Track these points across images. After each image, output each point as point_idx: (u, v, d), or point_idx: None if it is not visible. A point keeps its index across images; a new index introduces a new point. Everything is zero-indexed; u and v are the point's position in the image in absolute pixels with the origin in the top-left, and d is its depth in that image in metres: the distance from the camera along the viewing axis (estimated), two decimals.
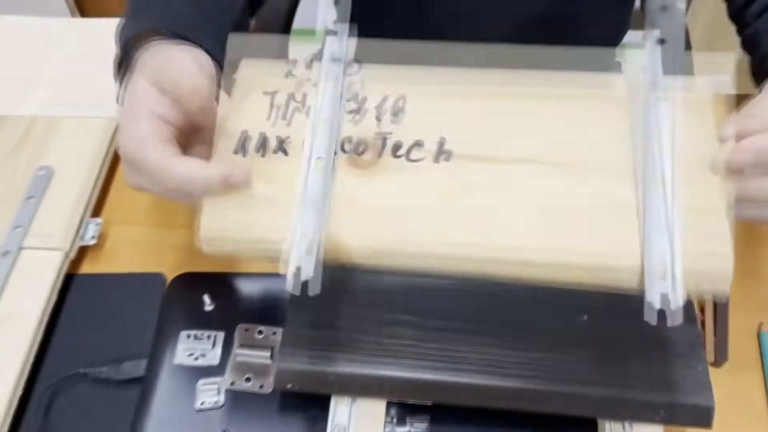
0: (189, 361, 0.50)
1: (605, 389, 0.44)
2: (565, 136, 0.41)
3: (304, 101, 0.42)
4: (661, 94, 0.40)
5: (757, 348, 0.53)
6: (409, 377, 0.45)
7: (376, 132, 0.41)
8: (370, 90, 0.43)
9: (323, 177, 0.40)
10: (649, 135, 0.39)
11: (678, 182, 0.38)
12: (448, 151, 0.41)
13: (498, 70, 0.44)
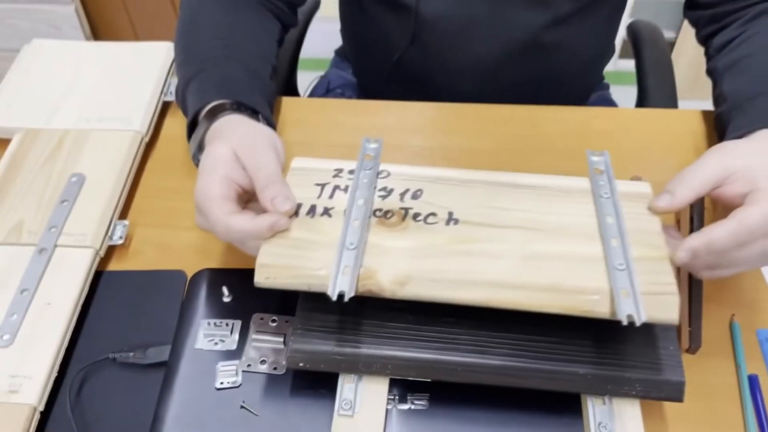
0: (209, 346, 0.55)
1: (587, 367, 0.49)
2: (545, 213, 0.53)
3: (346, 190, 0.54)
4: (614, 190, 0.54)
5: (729, 337, 0.58)
6: (408, 356, 0.49)
7: (400, 206, 0.53)
8: (395, 185, 0.55)
9: (360, 230, 0.50)
10: (604, 214, 0.52)
11: (628, 242, 0.49)
12: (456, 218, 0.52)
13: (496, 171, 0.57)
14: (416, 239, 0.50)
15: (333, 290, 0.47)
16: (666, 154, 0.72)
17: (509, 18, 0.77)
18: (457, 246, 0.50)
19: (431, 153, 0.72)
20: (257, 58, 0.69)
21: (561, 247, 0.50)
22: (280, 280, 0.48)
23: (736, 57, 0.68)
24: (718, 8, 0.73)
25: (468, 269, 0.48)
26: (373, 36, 0.88)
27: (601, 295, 0.47)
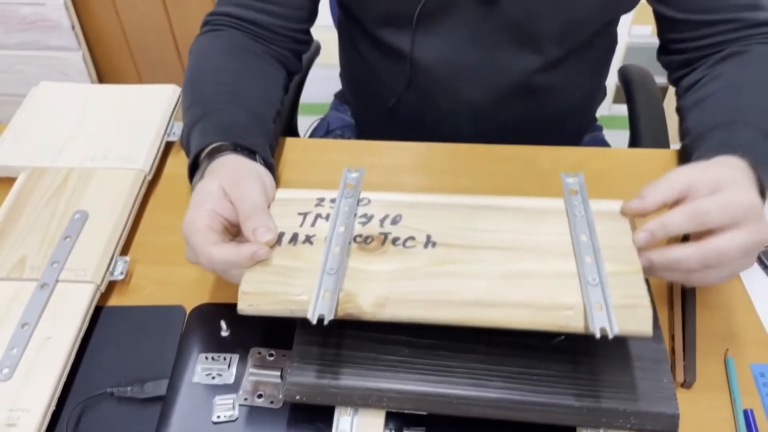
0: (206, 380, 0.55)
1: (582, 400, 0.49)
2: (522, 233, 0.54)
3: (328, 218, 0.56)
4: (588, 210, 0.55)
5: (723, 372, 0.58)
6: (405, 389, 0.50)
7: (380, 231, 0.54)
8: (375, 212, 0.56)
9: (340, 256, 0.51)
10: (578, 232, 0.53)
11: (601, 258, 0.50)
12: (434, 241, 0.53)
13: (473, 195, 0.58)
14: (395, 262, 0.51)
15: (313, 314, 0.47)
16: None
17: (501, 63, 0.80)
18: (435, 267, 0.51)
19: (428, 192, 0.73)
20: (260, 102, 0.71)
21: (537, 266, 0.51)
22: (263, 306, 0.49)
23: (700, 95, 0.71)
24: (689, 54, 0.77)
25: (445, 289, 0.49)
26: (370, 80, 0.90)
27: (575, 310, 0.47)
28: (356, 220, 0.55)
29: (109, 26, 1.84)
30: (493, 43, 0.78)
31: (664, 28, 0.79)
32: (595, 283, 0.48)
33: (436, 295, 0.49)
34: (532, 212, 0.56)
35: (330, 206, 0.57)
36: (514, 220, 0.55)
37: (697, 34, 0.75)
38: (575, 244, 0.52)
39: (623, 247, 0.52)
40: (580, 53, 0.82)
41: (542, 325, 0.48)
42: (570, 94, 0.87)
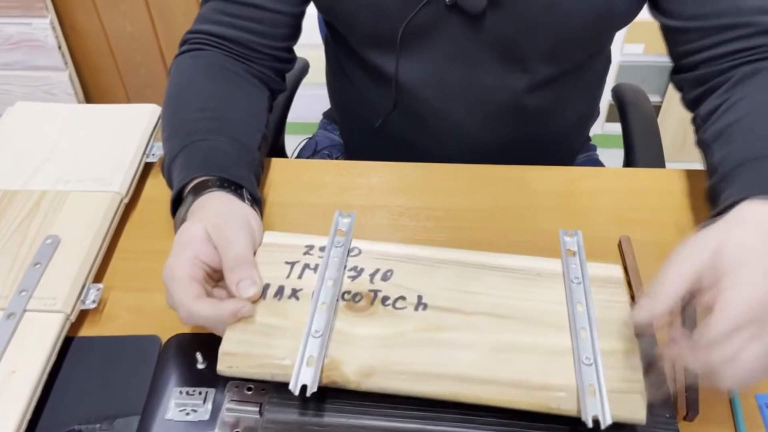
0: (180, 416, 0.52)
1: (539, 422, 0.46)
2: (516, 299, 0.52)
3: (316, 269, 0.53)
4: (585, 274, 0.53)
5: (728, 404, 0.55)
6: (389, 426, 0.47)
7: (369, 288, 0.52)
8: (366, 265, 0.54)
9: (327, 316, 0.49)
10: (575, 301, 0.51)
11: (597, 333, 0.49)
12: (425, 303, 0.51)
13: (468, 251, 0.56)
14: (384, 326, 0.49)
15: (295, 383, 0.45)
16: (653, 213, 0.71)
17: (489, 83, 0.78)
18: (425, 334, 0.49)
19: (416, 213, 0.71)
20: (245, 128, 0.68)
21: (530, 338, 0.49)
22: (243, 369, 0.47)
23: (722, 126, 0.66)
24: (702, 69, 0.71)
25: (434, 361, 0.47)
26: (357, 101, 0.88)
27: (568, 392, 0.46)
28: (345, 273, 0.53)
29: (96, 46, 1.83)
30: (479, 63, 0.76)
31: (672, 42, 0.74)
32: (590, 362, 0.47)
33: (424, 366, 0.47)
34: (527, 274, 0.54)
35: (319, 255, 0.54)
36: (509, 283, 0.53)
37: (708, 42, 0.70)
38: (571, 315, 0.50)
39: (619, 322, 0.50)
40: (572, 73, 0.80)
41: (532, 406, 0.46)
42: (562, 114, 0.85)
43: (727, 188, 0.59)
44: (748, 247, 0.48)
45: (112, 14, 1.76)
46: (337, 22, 0.81)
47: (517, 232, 0.69)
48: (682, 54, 0.73)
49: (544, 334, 0.49)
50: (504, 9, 0.71)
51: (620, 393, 0.45)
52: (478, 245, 0.67)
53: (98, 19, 1.78)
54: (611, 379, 0.46)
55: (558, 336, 0.49)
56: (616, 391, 0.45)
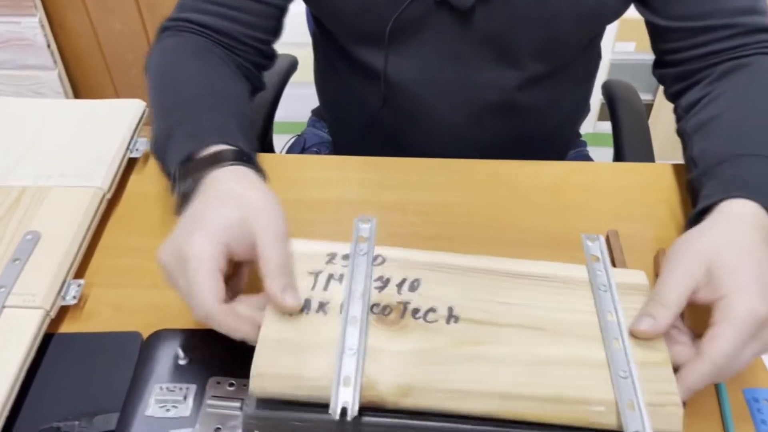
0: (161, 412, 0.51)
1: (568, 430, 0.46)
2: (547, 309, 0.51)
3: (341, 280, 0.51)
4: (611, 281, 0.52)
5: (715, 398, 0.55)
6: (379, 421, 0.46)
7: (398, 300, 0.50)
8: (392, 274, 0.52)
9: (358, 332, 0.47)
10: (605, 310, 0.51)
11: (629, 344, 0.48)
12: (456, 316, 0.50)
13: (492, 258, 0.55)
14: (416, 340, 0.48)
15: (335, 405, 0.44)
16: (641, 207, 0.71)
17: (479, 80, 0.77)
18: (459, 349, 0.48)
19: (404, 207, 0.71)
20: (242, 109, 0.67)
21: (564, 350, 0.48)
22: (278, 391, 0.46)
23: (703, 118, 0.67)
24: (684, 66, 0.73)
25: (471, 378, 0.46)
26: (346, 98, 0.88)
27: (606, 406, 0.45)
28: (372, 284, 0.51)
29: (85, 45, 1.81)
30: (469, 60, 0.76)
31: (657, 38, 0.75)
32: (626, 375, 0.46)
33: (461, 384, 0.46)
34: (556, 283, 0.53)
35: (343, 264, 0.52)
36: (539, 293, 0.52)
37: (691, 42, 0.71)
38: (602, 325, 0.49)
39: None
40: (562, 70, 0.79)
41: (572, 421, 0.45)
42: (553, 111, 0.85)
43: (709, 184, 0.60)
44: (736, 263, 0.50)
45: (101, 13, 1.75)
46: (324, 18, 0.80)
47: (506, 228, 0.69)
48: (667, 51, 0.75)
49: (577, 345, 0.48)
50: (493, 5, 0.71)
51: (658, 406, 0.45)
52: (466, 240, 0.67)
53: (88, 18, 1.76)
54: (648, 391, 0.45)
55: (591, 347, 0.48)
56: (653, 405, 0.45)
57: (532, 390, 0.46)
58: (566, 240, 0.66)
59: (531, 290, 0.52)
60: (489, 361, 0.47)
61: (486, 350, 0.48)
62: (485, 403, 0.45)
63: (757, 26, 0.70)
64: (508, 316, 0.50)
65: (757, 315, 0.48)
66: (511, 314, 0.50)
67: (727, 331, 0.47)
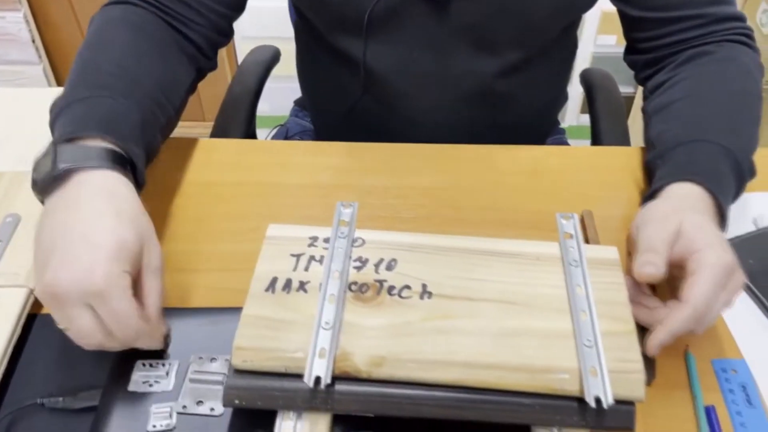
0: (143, 388, 0.52)
1: (534, 397, 0.47)
2: (518, 284, 0.53)
3: (322, 261, 0.53)
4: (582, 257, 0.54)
5: (684, 368, 0.56)
6: (350, 389, 0.47)
7: (375, 279, 0.52)
8: (370, 255, 0.54)
9: (335, 307, 0.50)
10: (574, 284, 0.52)
11: (596, 316, 0.50)
12: (429, 292, 0.52)
13: (467, 237, 0.56)
14: (391, 316, 0.50)
15: (309, 375, 0.46)
16: (616, 189, 0.73)
17: (457, 69, 0.78)
18: (432, 323, 0.49)
19: (383, 191, 0.72)
20: (157, 102, 0.63)
21: (532, 323, 0.50)
22: (258, 363, 0.47)
23: (664, 101, 0.71)
24: (654, 53, 0.76)
25: (442, 349, 0.48)
26: (327, 86, 0.89)
27: (570, 374, 0.47)
28: (351, 264, 0.53)
29: (70, 39, 1.81)
30: (448, 48, 0.77)
31: (629, 27, 0.79)
32: (590, 344, 0.48)
33: (432, 355, 0.48)
34: (528, 259, 0.54)
35: (324, 247, 0.54)
36: (511, 270, 0.53)
37: (661, 32, 0.75)
38: (571, 298, 0.51)
39: (617, 303, 0.51)
40: (540, 58, 0.81)
41: (537, 388, 0.47)
42: (530, 99, 0.86)
43: (663, 167, 0.65)
44: (699, 223, 0.56)
45: (86, 7, 1.75)
46: (304, 6, 0.81)
47: (484, 209, 0.70)
48: (638, 39, 0.78)
49: (547, 318, 0.50)
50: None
51: (620, 373, 0.46)
52: (445, 222, 0.69)
53: (72, 13, 1.76)
54: (611, 359, 0.47)
55: (559, 320, 0.50)
56: (616, 372, 0.46)
57: (499, 359, 0.47)
58: (542, 221, 0.67)
59: (504, 267, 0.54)
60: (459, 333, 0.49)
61: (457, 323, 0.50)
62: (454, 372, 0.47)
63: (725, 15, 0.74)
64: (481, 292, 0.52)
65: (727, 263, 0.53)
66: (484, 290, 0.52)
67: (704, 277, 0.52)
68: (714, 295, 0.52)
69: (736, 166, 0.62)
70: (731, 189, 0.62)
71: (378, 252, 0.55)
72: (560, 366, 0.47)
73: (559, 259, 0.54)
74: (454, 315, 0.50)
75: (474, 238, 0.56)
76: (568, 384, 0.46)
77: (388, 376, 0.47)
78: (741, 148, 0.64)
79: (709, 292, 0.52)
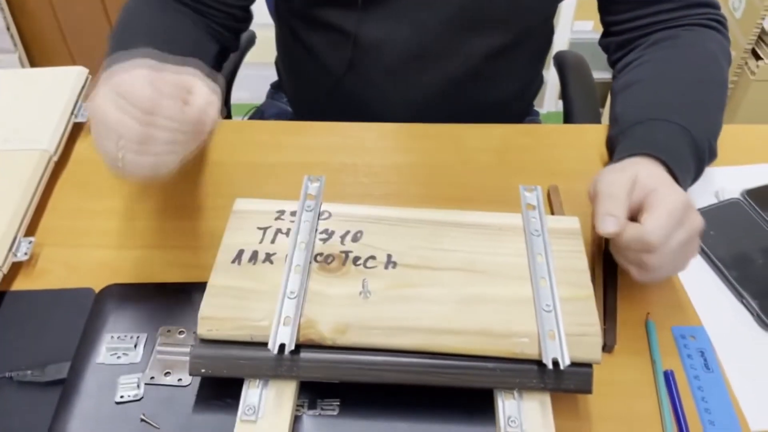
0: (112, 359, 0.53)
1: (495, 361, 0.48)
2: (481, 253, 0.54)
3: (288, 234, 0.54)
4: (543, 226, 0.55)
5: (645, 336, 0.58)
6: (315, 356, 0.48)
7: (341, 250, 0.53)
8: (336, 227, 0.55)
9: (301, 277, 0.50)
10: (535, 252, 0.53)
11: (555, 282, 0.51)
12: (394, 261, 0.52)
13: (433, 210, 0.57)
14: (356, 285, 0.51)
15: (274, 342, 0.47)
16: (582, 164, 0.73)
17: (445, 48, 0.79)
18: (395, 291, 0.50)
19: (354, 169, 0.72)
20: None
21: (494, 290, 0.51)
22: (223, 331, 0.48)
23: (630, 79, 0.73)
24: (626, 35, 0.78)
25: (405, 315, 0.49)
26: (309, 64, 0.89)
27: (530, 337, 0.48)
28: (317, 236, 0.54)
29: (46, 27, 1.80)
30: (438, 27, 0.78)
31: (604, 11, 0.81)
32: (549, 309, 0.49)
33: (395, 321, 0.49)
34: (492, 230, 0.55)
35: (290, 220, 0.55)
36: (475, 240, 0.54)
37: (634, 14, 0.76)
38: (531, 266, 0.52)
39: (577, 270, 0.52)
40: (523, 41, 0.83)
41: (497, 353, 0.48)
42: (512, 81, 0.88)
43: (623, 142, 0.66)
44: (655, 172, 0.58)
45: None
46: None
47: (452, 186, 0.71)
48: (612, 23, 0.80)
49: (508, 285, 0.51)
50: None
51: (578, 336, 0.48)
52: (414, 198, 0.69)
53: (48, 1, 1.75)
54: (570, 324, 0.48)
55: (520, 286, 0.51)
56: (574, 335, 0.48)
57: (461, 325, 0.48)
58: (510, 196, 0.66)
59: (468, 237, 0.55)
60: (422, 300, 0.50)
61: (420, 291, 0.50)
62: (417, 338, 0.48)
63: (698, 0, 0.75)
64: (444, 261, 0.53)
65: (682, 201, 0.54)
66: (447, 259, 0.53)
67: (659, 211, 0.53)
68: (671, 229, 0.53)
69: (694, 147, 0.63)
70: (690, 168, 0.63)
71: (344, 224, 0.55)
72: (520, 330, 0.48)
73: (521, 230, 0.55)
74: (418, 283, 0.51)
75: (439, 210, 0.57)
76: (528, 347, 0.48)
77: (353, 343, 0.48)
78: (701, 129, 0.65)
79: (666, 225, 0.53)
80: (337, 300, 0.50)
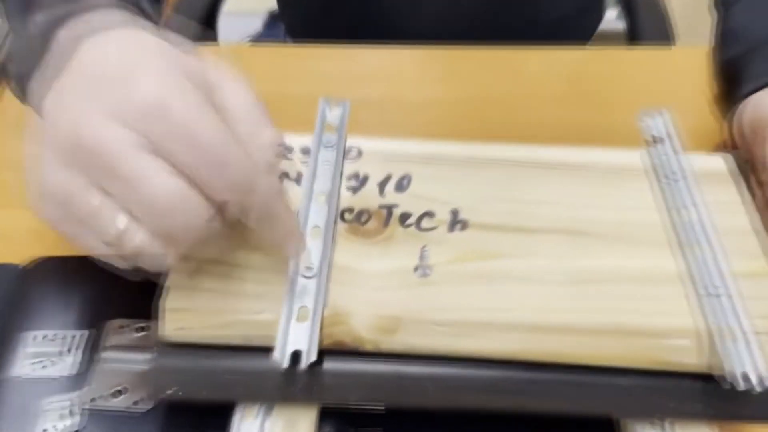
0: (34, 371, 0.35)
1: (631, 377, 0.31)
2: (590, 206, 0.37)
3: (299, 179, 0.38)
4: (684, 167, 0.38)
5: None
6: (344, 368, 0.31)
7: (380, 204, 0.37)
8: (371, 170, 0.39)
9: (322, 245, 0.34)
10: (678, 205, 0.36)
11: (719, 250, 0.34)
12: (463, 220, 0.36)
13: (513, 145, 0.40)
14: (406, 256, 0.34)
15: (283, 347, 0.30)
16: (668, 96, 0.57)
17: None
18: (468, 265, 0.34)
19: (381, 105, 0.56)
20: None
21: (619, 261, 0.34)
22: (201, 330, 0.31)
23: None
24: None
25: (486, 305, 0.32)
26: None
27: (691, 338, 0.30)
28: (343, 183, 0.37)
29: None
30: None
31: None
32: (718, 293, 0.32)
33: (471, 313, 0.32)
34: (601, 172, 0.39)
35: (302, 160, 0.38)
36: (578, 187, 0.38)
37: None
38: (676, 225, 0.35)
39: (743, 232, 0.35)
40: None
41: (637, 362, 0.31)
42: None
43: (757, 61, 0.48)
44: None
45: None
46: None
47: (512, 124, 0.55)
48: None
49: (638, 254, 0.34)
50: None
51: None
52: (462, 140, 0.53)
53: None
54: (753, 316, 0.31)
55: (659, 256, 0.34)
56: (764, 333, 0.30)
57: (575, 318, 0.31)
58: (592, 133, 0.52)
59: (567, 184, 0.38)
60: (512, 280, 0.33)
61: (508, 265, 0.33)
62: (507, 339, 0.31)
63: None
64: (537, 219, 0.36)
65: None
66: (541, 216, 0.36)
67: None
68: None
69: None
70: None
71: (383, 166, 0.38)
72: (673, 327, 0.31)
73: (644, 172, 0.38)
74: (503, 254, 0.34)
75: (521, 145, 0.40)
76: (690, 355, 0.30)
77: (405, 347, 0.31)
78: None
79: None
80: (377, 281, 0.32)
